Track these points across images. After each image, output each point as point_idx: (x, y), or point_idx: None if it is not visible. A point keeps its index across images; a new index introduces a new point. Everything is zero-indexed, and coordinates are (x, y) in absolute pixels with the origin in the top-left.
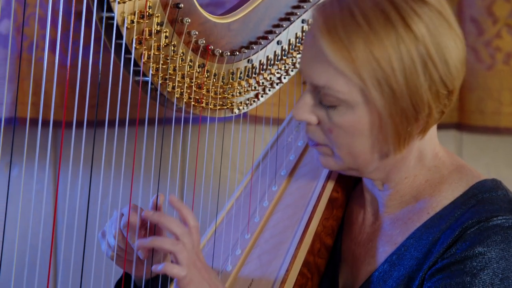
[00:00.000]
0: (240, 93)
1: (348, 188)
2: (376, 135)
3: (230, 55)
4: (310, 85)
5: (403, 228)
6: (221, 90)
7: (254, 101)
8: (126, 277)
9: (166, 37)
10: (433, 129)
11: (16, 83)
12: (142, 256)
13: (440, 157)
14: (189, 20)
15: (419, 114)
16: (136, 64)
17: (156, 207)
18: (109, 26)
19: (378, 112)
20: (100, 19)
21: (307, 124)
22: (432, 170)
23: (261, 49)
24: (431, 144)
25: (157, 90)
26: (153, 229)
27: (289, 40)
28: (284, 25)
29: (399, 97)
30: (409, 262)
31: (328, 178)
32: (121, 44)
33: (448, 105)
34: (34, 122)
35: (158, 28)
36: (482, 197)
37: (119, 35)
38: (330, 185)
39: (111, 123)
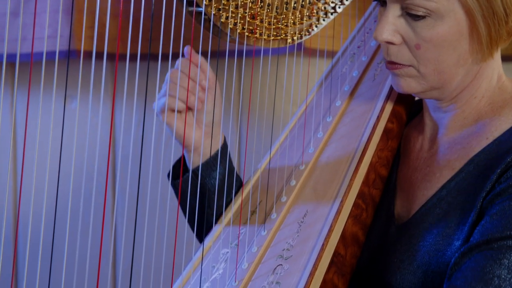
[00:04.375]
0: (294, 23)
1: (403, 119)
2: (467, 43)
3: None
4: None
5: (461, 153)
6: (275, 20)
7: (308, 31)
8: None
9: None
10: (499, 52)
11: (71, 16)
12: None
13: (504, 81)
14: None
15: (509, 16)
16: None
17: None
18: None
19: (472, 16)
20: None
21: (389, 45)
22: (496, 92)
23: None
24: (498, 66)
25: (210, 21)
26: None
27: None
28: None
29: (492, 0)
30: (467, 188)
31: (383, 108)
32: None
33: None
34: (88, 54)
35: None
36: None
37: None
38: (385, 116)
39: (165, 56)
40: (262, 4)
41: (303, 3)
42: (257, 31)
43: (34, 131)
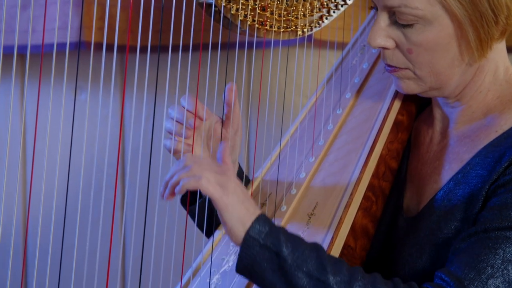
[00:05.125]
0: (304, 15)
1: (413, 112)
2: (457, 46)
3: None
4: (383, 7)
5: (470, 146)
6: (285, 12)
7: (318, 23)
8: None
9: None
10: (503, 44)
11: (81, 7)
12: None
13: (511, 74)
14: None
15: (498, 16)
16: None
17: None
18: None
19: (458, 20)
20: None
21: (384, 49)
22: (504, 86)
23: None
24: (504, 59)
25: (220, 12)
26: (230, 120)
27: None
28: None
29: (477, 2)
30: (474, 180)
31: (393, 100)
32: None
33: None
34: (99, 46)
35: None
36: None
37: None
38: (395, 108)
39: (175, 48)
40: None
41: None
42: (267, 23)
43: (44, 123)
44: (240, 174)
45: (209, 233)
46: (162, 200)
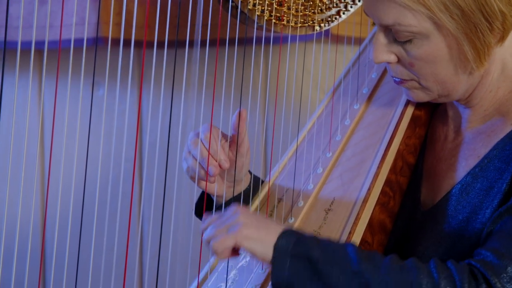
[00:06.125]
0: (321, 10)
1: (430, 106)
2: (457, 57)
3: None
4: (380, 25)
5: (486, 141)
6: (302, 7)
7: (335, 18)
8: (207, 197)
9: None
10: (510, 40)
11: (98, 3)
12: (224, 167)
13: None
14: None
15: (492, 23)
16: None
17: (239, 119)
18: None
19: (452, 34)
20: None
21: (388, 63)
22: None
23: None
24: (510, 52)
25: (237, 8)
26: (235, 143)
27: None
28: None
29: (469, 14)
30: (492, 173)
31: None
32: None
33: None
34: (116, 41)
35: None
36: None
37: None
38: (413, 103)
39: (192, 43)
40: None
41: None
42: (284, 18)
43: (62, 118)
44: (256, 180)
45: None
46: (179, 195)
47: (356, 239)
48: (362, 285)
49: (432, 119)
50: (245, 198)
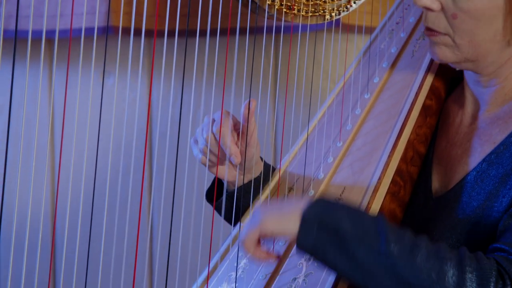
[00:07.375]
0: None
1: (442, 96)
2: (502, 21)
3: None
4: None
5: (503, 127)
6: None
7: (346, 7)
8: (218, 183)
9: None
10: None
11: None
12: (234, 162)
13: None
14: None
15: None
16: None
17: (249, 111)
18: None
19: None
20: None
21: (428, 10)
22: None
23: None
24: None
25: None
26: (245, 134)
27: None
28: None
29: None
30: (508, 160)
31: (422, 85)
32: None
33: None
34: (126, 30)
35: None
36: None
37: None
38: (424, 92)
39: (203, 33)
40: None
41: None
42: (295, 7)
43: (73, 107)
44: (267, 168)
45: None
46: (189, 183)
47: None
48: (388, 267)
49: (446, 104)
50: (257, 185)
